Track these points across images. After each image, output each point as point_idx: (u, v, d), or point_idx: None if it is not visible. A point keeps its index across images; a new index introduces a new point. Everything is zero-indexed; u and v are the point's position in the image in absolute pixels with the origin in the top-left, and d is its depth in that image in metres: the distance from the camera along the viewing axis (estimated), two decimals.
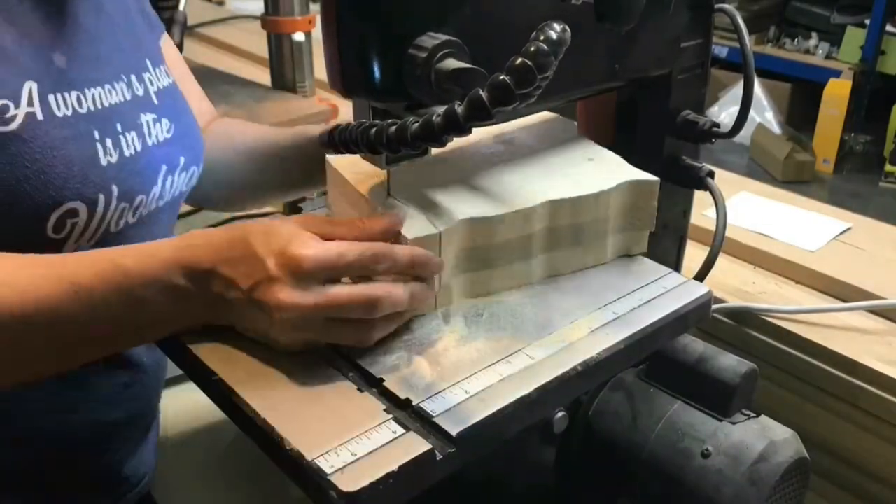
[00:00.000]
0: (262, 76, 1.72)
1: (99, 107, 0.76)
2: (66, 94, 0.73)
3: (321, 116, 1.50)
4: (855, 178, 3.51)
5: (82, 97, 0.74)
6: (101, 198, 0.72)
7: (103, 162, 0.74)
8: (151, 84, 0.84)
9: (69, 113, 0.72)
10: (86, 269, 0.62)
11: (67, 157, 0.70)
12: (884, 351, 0.93)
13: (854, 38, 3.67)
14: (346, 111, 1.55)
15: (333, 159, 0.79)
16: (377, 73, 0.63)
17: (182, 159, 0.83)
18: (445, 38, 0.61)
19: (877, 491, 0.93)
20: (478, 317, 0.70)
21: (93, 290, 0.61)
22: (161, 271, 0.62)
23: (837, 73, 3.57)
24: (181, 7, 1.47)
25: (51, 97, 0.71)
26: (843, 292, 1.04)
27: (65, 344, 0.63)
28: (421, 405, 0.58)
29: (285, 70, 1.61)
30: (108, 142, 0.75)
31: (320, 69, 0.79)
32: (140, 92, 0.82)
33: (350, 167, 0.77)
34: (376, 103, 0.66)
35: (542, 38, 0.53)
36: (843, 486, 0.96)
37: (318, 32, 0.69)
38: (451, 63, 0.60)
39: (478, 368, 0.63)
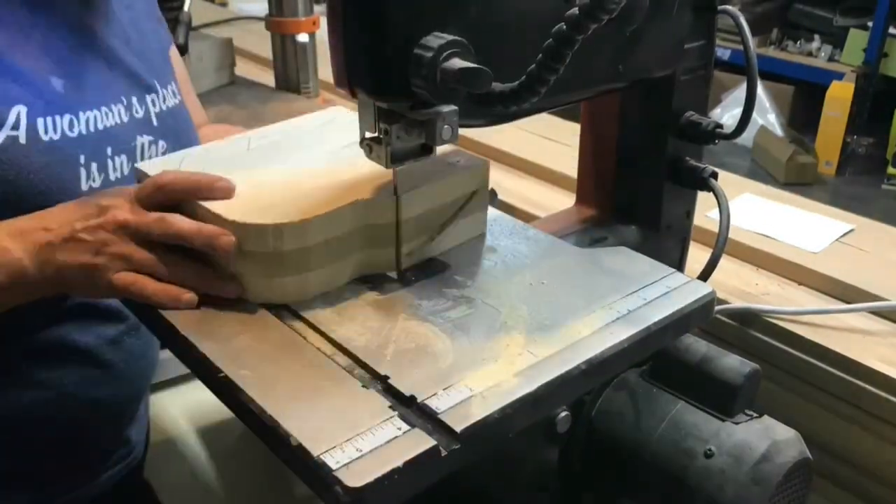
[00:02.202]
0: (266, 77, 1.72)
1: (91, 130, 0.76)
2: (58, 117, 0.73)
3: None
4: (857, 180, 3.50)
5: (75, 120, 0.75)
6: None
7: (84, 187, 0.75)
8: (154, 105, 0.85)
9: (56, 137, 0.73)
10: None
11: (44, 182, 0.71)
12: (886, 352, 0.93)
13: (857, 40, 3.67)
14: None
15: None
16: (383, 73, 0.63)
17: None
18: (451, 37, 0.61)
19: (879, 492, 0.93)
20: (480, 313, 0.70)
21: None
22: None
23: (840, 76, 3.56)
24: (186, 8, 1.48)
25: (40, 120, 0.72)
26: (846, 294, 1.04)
27: None
28: (426, 402, 0.59)
29: (289, 71, 1.61)
30: (94, 166, 0.76)
31: (324, 70, 0.78)
32: (140, 114, 0.83)
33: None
34: (381, 102, 0.66)
35: None
36: (846, 487, 0.96)
37: (321, 33, 0.69)
38: (457, 62, 0.60)
39: (482, 366, 0.63)
